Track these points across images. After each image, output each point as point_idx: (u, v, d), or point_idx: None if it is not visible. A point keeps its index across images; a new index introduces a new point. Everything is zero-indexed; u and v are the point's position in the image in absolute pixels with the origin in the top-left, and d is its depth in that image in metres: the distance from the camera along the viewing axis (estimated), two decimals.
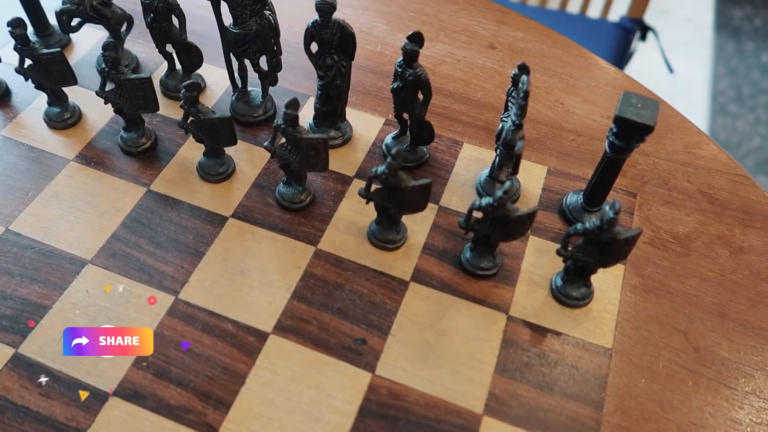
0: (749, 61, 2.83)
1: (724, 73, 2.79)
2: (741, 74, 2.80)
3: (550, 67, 0.99)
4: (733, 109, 2.63)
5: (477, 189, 0.82)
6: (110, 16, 0.88)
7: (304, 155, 0.72)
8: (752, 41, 2.87)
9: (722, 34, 2.92)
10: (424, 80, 0.73)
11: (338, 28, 0.73)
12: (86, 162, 0.83)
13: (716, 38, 2.89)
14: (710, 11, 3.02)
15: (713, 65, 2.75)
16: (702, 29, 2.93)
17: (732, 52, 2.87)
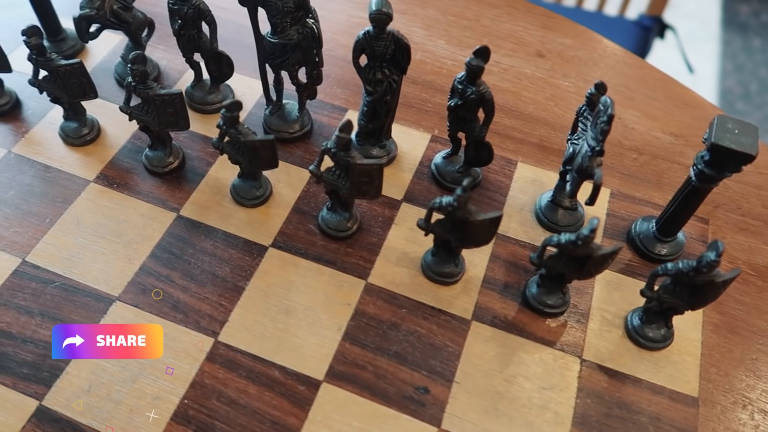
0: (756, 58, 2.78)
1: (732, 69, 2.73)
2: (748, 71, 2.75)
3: (603, 77, 0.92)
4: (741, 106, 2.58)
5: (537, 215, 0.75)
6: (131, 21, 0.80)
7: (355, 181, 0.65)
8: (759, 37, 2.82)
9: (729, 29, 2.87)
10: (488, 99, 0.66)
11: (392, 40, 0.66)
12: (108, 183, 0.75)
13: (723, 34, 2.84)
14: (716, 6, 2.96)
15: (720, 61, 2.70)
16: (708, 24, 2.88)
17: (739, 49, 2.82)
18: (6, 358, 0.61)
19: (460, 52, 0.94)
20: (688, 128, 0.87)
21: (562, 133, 0.84)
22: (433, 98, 0.87)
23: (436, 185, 0.78)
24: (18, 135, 0.79)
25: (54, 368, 0.61)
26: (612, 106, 0.59)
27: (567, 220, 0.74)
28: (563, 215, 0.74)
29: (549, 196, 0.75)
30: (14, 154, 0.77)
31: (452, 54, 0.93)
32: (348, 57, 0.93)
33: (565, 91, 0.90)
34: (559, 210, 0.74)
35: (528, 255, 0.72)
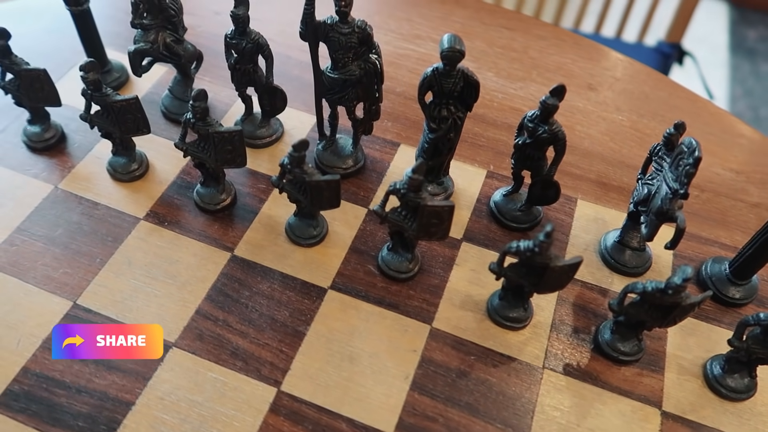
0: (765, 83, 2.79)
1: (741, 94, 2.73)
2: (758, 95, 2.75)
3: (657, 111, 0.90)
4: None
5: (602, 255, 0.72)
6: (182, 54, 0.78)
7: (424, 223, 0.62)
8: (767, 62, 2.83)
9: (737, 55, 2.88)
10: (561, 138, 0.64)
11: (461, 78, 0.64)
12: (159, 221, 0.73)
13: (731, 59, 2.85)
14: (724, 32, 2.97)
15: (730, 86, 2.71)
16: (717, 50, 2.89)
17: (748, 74, 2.83)
18: (60, 410, 0.58)
19: (510, 84, 0.92)
20: (747, 164, 0.85)
21: (620, 169, 0.82)
22: (485, 132, 0.85)
23: (495, 224, 0.75)
24: (64, 170, 0.77)
25: (111, 421, 0.57)
26: (699, 148, 0.57)
27: (635, 261, 0.71)
28: (631, 256, 0.71)
29: (615, 236, 0.72)
30: (61, 190, 0.75)
31: (501, 86, 0.92)
32: (397, 89, 0.92)
33: (620, 126, 0.88)
34: (627, 251, 0.71)
35: (595, 297, 0.70)
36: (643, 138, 0.86)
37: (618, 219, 0.77)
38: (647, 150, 0.84)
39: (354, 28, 0.66)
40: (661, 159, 0.64)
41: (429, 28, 1.00)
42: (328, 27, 0.67)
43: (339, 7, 0.65)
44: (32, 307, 0.65)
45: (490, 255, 0.72)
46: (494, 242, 0.73)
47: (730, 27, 3.01)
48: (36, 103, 0.74)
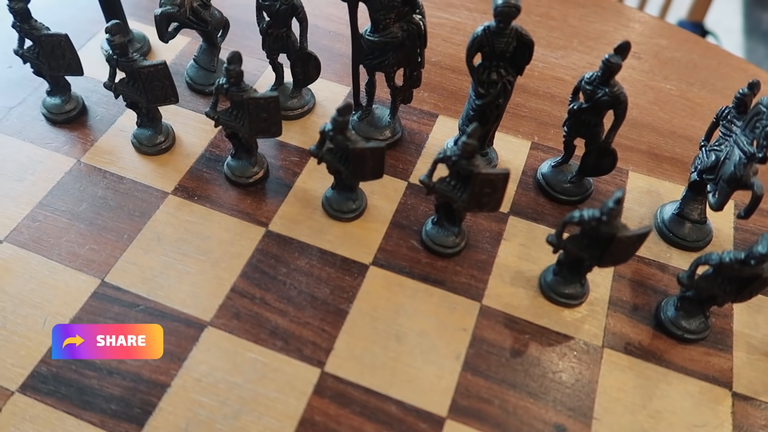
0: None
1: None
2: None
3: (707, 80, 0.85)
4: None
5: (659, 228, 0.68)
6: (209, 20, 0.74)
7: (476, 192, 0.58)
8: None
9: (752, 38, 2.81)
10: (623, 100, 0.59)
11: (515, 37, 0.60)
12: (188, 196, 0.69)
13: (746, 42, 2.79)
14: (739, 15, 2.91)
15: None
16: (731, 33, 2.82)
17: (763, 57, 2.76)
18: (92, 393, 0.54)
19: (550, 53, 0.87)
20: None
21: (672, 140, 0.78)
22: (527, 102, 0.81)
23: (543, 196, 0.71)
24: (87, 143, 0.73)
25: (146, 404, 0.54)
26: None
27: (695, 234, 0.67)
28: (691, 229, 0.67)
29: (673, 209, 0.68)
30: (84, 164, 0.71)
31: (542, 56, 0.87)
32: (432, 59, 0.88)
33: (668, 95, 0.83)
34: (687, 223, 0.67)
35: (653, 273, 0.66)
36: (694, 108, 0.81)
37: (673, 191, 0.72)
38: (699, 120, 0.80)
39: None
40: (730, 123, 0.60)
41: None
42: None
43: None
44: (58, 285, 0.61)
45: (539, 229, 0.68)
46: (543, 216, 0.69)
47: (744, 10, 2.95)
48: (57, 72, 0.70)
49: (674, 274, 0.65)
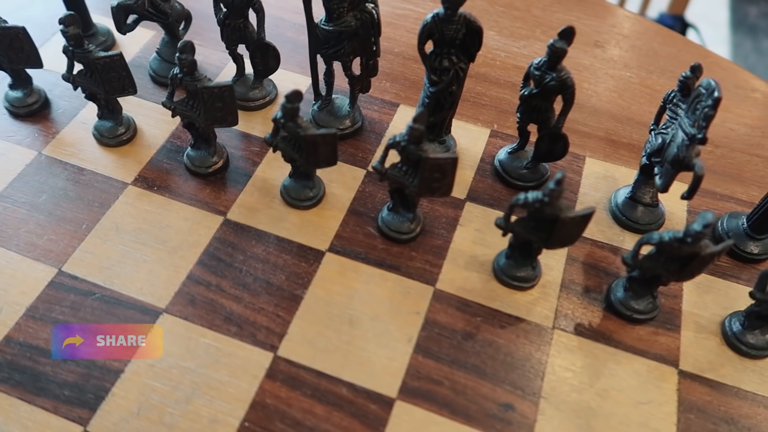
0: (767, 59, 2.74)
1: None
2: (760, 72, 2.70)
3: (667, 68, 0.86)
4: None
5: (613, 212, 0.69)
6: (169, 12, 0.74)
7: (426, 177, 0.59)
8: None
9: (739, 31, 2.84)
10: (570, 85, 0.60)
11: (464, 23, 0.61)
12: (148, 186, 0.69)
13: (733, 36, 2.81)
14: (725, 8, 2.93)
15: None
16: (718, 27, 2.84)
17: (750, 50, 2.78)
18: (45, 379, 0.55)
19: (513, 43, 0.88)
20: (762, 119, 0.81)
21: (630, 126, 0.79)
22: (488, 91, 0.82)
23: (500, 182, 0.72)
24: (48, 136, 0.73)
25: (99, 389, 0.55)
26: (718, 88, 0.53)
27: (647, 217, 0.68)
28: (643, 212, 0.68)
29: (626, 193, 0.69)
30: (45, 156, 0.71)
31: (504, 46, 0.88)
32: (395, 49, 0.89)
33: (628, 82, 0.84)
34: (639, 207, 0.68)
35: (606, 255, 0.67)
36: (653, 94, 0.82)
37: (628, 176, 0.73)
38: (656, 106, 0.81)
39: None
40: (675, 106, 0.61)
41: None
42: None
43: None
44: (15, 275, 0.61)
45: (495, 214, 0.69)
46: (499, 201, 0.70)
47: (731, 4, 2.97)
48: (17, 65, 0.71)
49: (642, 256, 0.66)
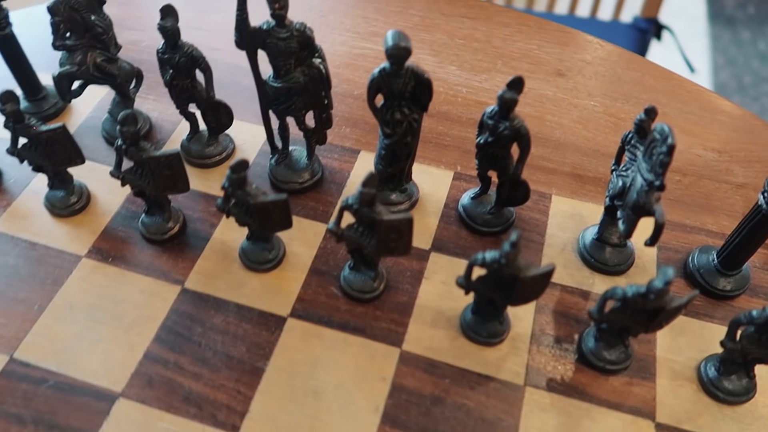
0: (747, 50, 2.75)
1: (723, 64, 2.70)
2: (740, 64, 2.72)
3: (631, 94, 0.85)
4: (738, 100, 2.55)
5: (581, 254, 0.68)
6: (117, 74, 0.72)
7: (382, 239, 0.57)
8: (747, 29, 2.80)
9: (717, 24, 2.85)
10: (524, 134, 0.59)
11: (411, 77, 0.59)
12: (102, 257, 0.67)
13: (711, 29, 2.81)
14: (702, 1, 2.94)
15: (711, 56, 2.67)
16: (696, 20, 2.85)
17: (729, 42, 2.79)
18: None
19: (474, 77, 0.87)
20: (730, 142, 0.80)
21: (595, 159, 0.77)
22: (450, 131, 0.80)
23: (465, 229, 0.70)
24: (0, 209, 0.72)
25: None
26: (672, 134, 0.52)
27: (616, 258, 0.66)
28: (612, 254, 0.66)
29: (593, 233, 0.67)
30: None
31: (465, 80, 0.86)
32: (354, 92, 0.87)
33: (592, 112, 0.83)
34: (607, 248, 0.66)
35: (576, 301, 0.65)
36: (618, 123, 0.81)
37: (596, 213, 0.71)
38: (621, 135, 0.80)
39: (292, 32, 0.61)
40: (634, 147, 0.59)
41: (386, 24, 0.94)
42: (265, 33, 0.61)
43: (273, 11, 0.59)
44: None
45: (461, 264, 0.67)
46: (465, 250, 0.68)
47: None
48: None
49: (596, 300, 0.65)
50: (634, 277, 0.67)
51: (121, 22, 0.93)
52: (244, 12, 0.60)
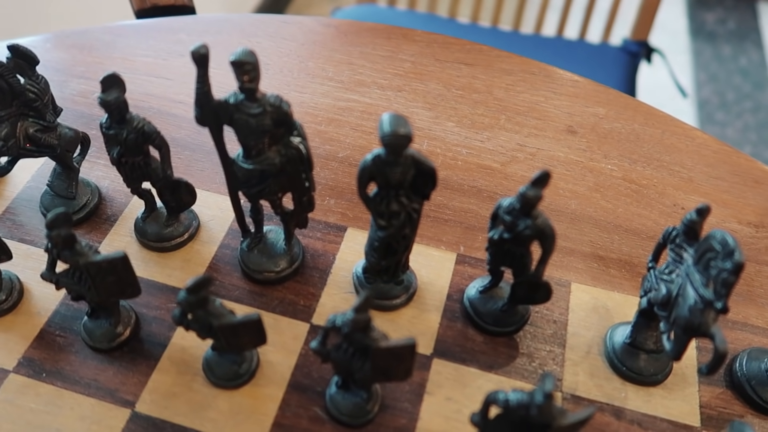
0: (728, 66, 2.73)
1: (706, 80, 2.68)
2: (722, 80, 2.69)
3: (652, 155, 0.76)
4: (721, 116, 2.52)
5: (610, 360, 0.57)
6: (56, 144, 0.61)
7: (379, 365, 0.47)
8: (728, 44, 2.78)
9: (698, 39, 2.82)
10: (549, 234, 0.48)
11: (411, 165, 0.49)
12: (34, 372, 0.55)
13: (693, 44, 2.79)
14: (683, 17, 2.91)
15: (694, 72, 2.64)
16: (677, 36, 2.82)
17: (710, 58, 2.77)
18: None
19: (475, 135, 0.77)
20: (767, 214, 0.71)
21: (617, 235, 0.67)
22: (450, 202, 0.70)
23: (473, 327, 0.59)
24: None
25: None
26: (738, 249, 0.42)
27: (653, 367, 0.56)
28: (647, 362, 0.56)
29: (624, 335, 0.57)
30: None
31: (465, 140, 0.76)
32: (339, 154, 0.76)
33: (609, 177, 0.73)
34: (642, 354, 0.56)
35: (608, 422, 0.54)
36: (639, 191, 0.71)
37: (623, 305, 0.62)
38: (644, 207, 0.70)
39: (266, 107, 0.50)
40: (679, 248, 0.49)
41: (374, 71, 0.84)
42: (232, 107, 0.50)
43: (242, 83, 0.48)
44: None
45: (469, 374, 0.56)
46: (473, 355, 0.58)
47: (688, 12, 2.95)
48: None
49: (632, 420, 0.55)
50: (672, 388, 0.56)
51: (68, 69, 0.81)
52: (205, 84, 0.48)
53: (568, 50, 1.70)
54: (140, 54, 0.85)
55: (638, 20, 1.58)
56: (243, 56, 0.47)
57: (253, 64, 0.48)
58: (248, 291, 0.61)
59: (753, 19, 2.93)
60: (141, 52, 0.85)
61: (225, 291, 0.61)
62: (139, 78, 0.81)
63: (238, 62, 0.47)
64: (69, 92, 0.78)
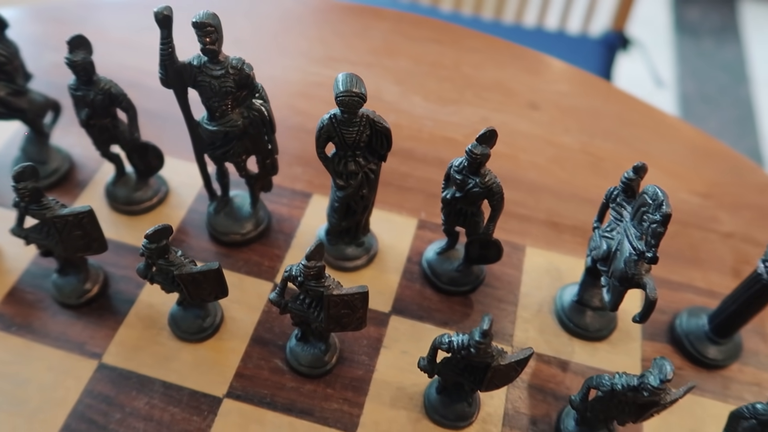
0: (711, 60, 2.77)
1: (688, 73, 2.71)
2: (704, 74, 2.73)
3: (611, 129, 0.79)
4: (701, 110, 2.56)
5: (560, 317, 0.60)
6: (26, 108, 0.63)
7: (332, 314, 0.49)
8: (711, 39, 2.82)
9: (681, 33, 2.86)
10: (496, 192, 0.51)
11: (367, 125, 0.51)
12: (4, 326, 0.57)
13: (676, 38, 2.82)
14: (666, 11, 2.95)
15: (676, 67, 2.68)
16: (660, 30, 2.86)
17: (693, 52, 2.80)
18: None
19: (441, 108, 0.79)
20: (716, 185, 0.74)
21: (573, 204, 0.70)
22: (414, 172, 0.72)
23: (430, 288, 0.62)
24: None
25: None
26: (666, 201, 0.45)
27: (598, 323, 0.59)
28: (593, 318, 0.59)
29: (572, 294, 0.60)
30: None
31: (431, 113, 0.79)
32: (308, 126, 0.78)
33: (569, 150, 0.76)
34: (588, 311, 0.59)
35: (554, 373, 0.57)
36: (597, 163, 0.74)
37: (575, 267, 0.65)
38: (602, 177, 0.73)
39: (228, 69, 0.52)
40: (619, 206, 0.52)
41: (345, 47, 0.86)
42: (196, 69, 0.52)
43: (204, 45, 0.50)
44: None
45: (425, 330, 0.59)
46: (430, 313, 0.60)
47: (672, 6, 2.98)
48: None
49: (577, 372, 0.57)
50: (616, 343, 0.60)
51: (43, 41, 0.82)
52: (169, 45, 0.50)
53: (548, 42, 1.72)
54: (114, 28, 0.86)
55: (618, 10, 1.61)
56: (205, 17, 0.49)
57: (215, 26, 0.50)
58: (215, 252, 0.64)
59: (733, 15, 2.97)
60: (115, 26, 0.86)
61: (193, 252, 0.63)
62: (113, 51, 0.82)
63: (200, 23, 0.49)
64: (44, 63, 0.80)
